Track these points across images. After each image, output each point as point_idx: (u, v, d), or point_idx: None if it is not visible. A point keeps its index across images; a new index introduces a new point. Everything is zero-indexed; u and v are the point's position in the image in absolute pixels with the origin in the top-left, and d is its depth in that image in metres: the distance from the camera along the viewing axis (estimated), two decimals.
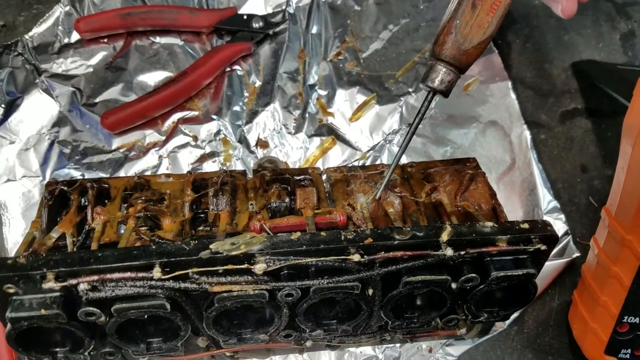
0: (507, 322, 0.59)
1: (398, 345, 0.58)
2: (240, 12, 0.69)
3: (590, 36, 0.72)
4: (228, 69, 0.68)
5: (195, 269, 0.42)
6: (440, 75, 0.47)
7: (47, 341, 0.45)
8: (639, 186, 0.45)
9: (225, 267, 0.42)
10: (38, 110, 0.65)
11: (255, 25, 0.68)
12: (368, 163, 0.65)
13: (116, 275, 0.41)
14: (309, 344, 0.53)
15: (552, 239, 0.46)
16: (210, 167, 0.64)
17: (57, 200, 0.51)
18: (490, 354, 0.59)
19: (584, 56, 0.71)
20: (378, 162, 0.65)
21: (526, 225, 0.46)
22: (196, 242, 0.43)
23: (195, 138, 0.65)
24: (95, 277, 0.41)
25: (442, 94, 0.48)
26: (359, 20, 0.72)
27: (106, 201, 0.53)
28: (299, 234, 0.44)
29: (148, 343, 0.47)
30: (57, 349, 0.45)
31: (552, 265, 0.60)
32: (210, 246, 0.42)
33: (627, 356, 0.53)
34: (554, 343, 0.59)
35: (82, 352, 0.46)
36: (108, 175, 0.63)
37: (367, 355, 0.58)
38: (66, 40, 0.69)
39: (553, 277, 0.60)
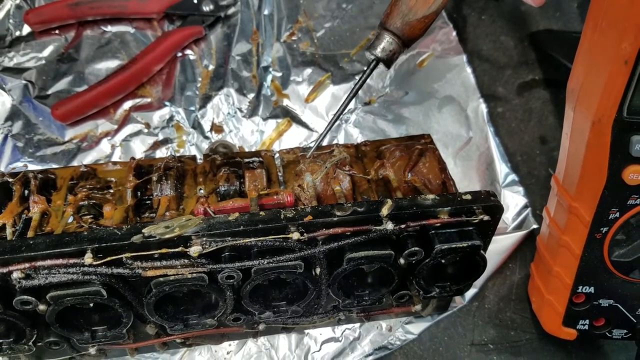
0: (467, 297, 0.59)
1: (358, 325, 0.57)
2: None
3: (547, 5, 0.71)
4: (180, 54, 0.67)
5: (129, 254, 0.41)
6: (383, 44, 0.48)
7: None
8: (581, 151, 0.44)
9: (159, 251, 0.42)
10: None
11: (206, 8, 0.67)
12: (325, 144, 0.64)
13: (48, 262, 0.41)
14: (262, 327, 0.52)
15: (495, 209, 0.45)
16: (163, 154, 0.63)
17: (1, 192, 0.51)
18: (451, 330, 0.58)
19: (541, 26, 0.70)
20: (335, 142, 0.64)
21: (468, 197, 0.45)
22: (129, 226, 0.42)
23: (147, 125, 0.64)
24: (27, 265, 0.40)
25: (384, 63, 0.48)
26: None
27: (52, 191, 0.52)
28: (237, 214, 0.44)
29: (93, 331, 0.47)
30: (1, 340, 0.45)
31: (510, 238, 0.59)
32: (143, 230, 0.42)
33: (586, 327, 0.52)
34: (515, 318, 0.58)
35: (26, 343, 0.45)
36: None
37: (326, 337, 0.57)
38: (17, 34, 0.68)
39: (511, 250, 0.59)
